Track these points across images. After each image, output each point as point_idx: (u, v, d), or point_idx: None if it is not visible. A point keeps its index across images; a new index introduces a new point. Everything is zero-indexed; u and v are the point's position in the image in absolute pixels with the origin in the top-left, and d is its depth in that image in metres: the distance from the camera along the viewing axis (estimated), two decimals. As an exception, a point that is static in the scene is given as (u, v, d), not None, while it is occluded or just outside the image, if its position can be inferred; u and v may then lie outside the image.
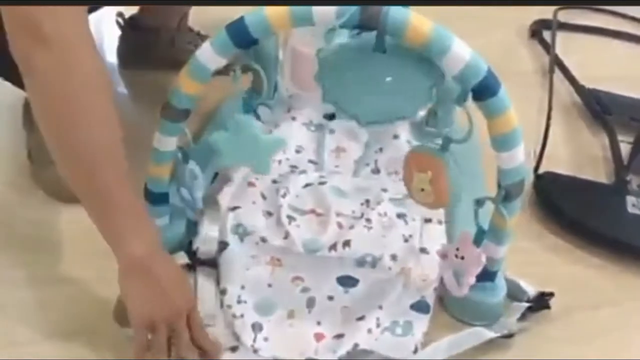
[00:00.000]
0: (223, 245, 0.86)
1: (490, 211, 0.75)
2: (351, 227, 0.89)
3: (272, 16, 0.65)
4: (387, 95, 0.68)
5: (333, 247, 0.86)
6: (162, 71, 1.13)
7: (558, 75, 1.33)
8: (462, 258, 0.76)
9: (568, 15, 1.54)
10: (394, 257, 0.86)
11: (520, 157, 0.70)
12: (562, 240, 0.97)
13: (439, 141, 0.72)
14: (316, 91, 0.75)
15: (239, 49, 0.68)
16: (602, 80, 1.32)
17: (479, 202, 0.75)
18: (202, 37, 1.19)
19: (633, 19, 1.56)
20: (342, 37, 0.71)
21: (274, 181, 0.96)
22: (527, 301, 0.84)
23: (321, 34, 0.69)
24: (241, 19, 0.66)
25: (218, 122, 1.03)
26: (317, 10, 0.64)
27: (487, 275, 0.79)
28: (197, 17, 1.20)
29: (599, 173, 1.11)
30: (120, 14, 1.18)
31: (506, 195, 0.72)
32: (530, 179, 1.02)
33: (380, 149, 1.03)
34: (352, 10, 0.63)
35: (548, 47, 1.40)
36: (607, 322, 0.87)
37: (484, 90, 0.65)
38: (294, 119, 1.07)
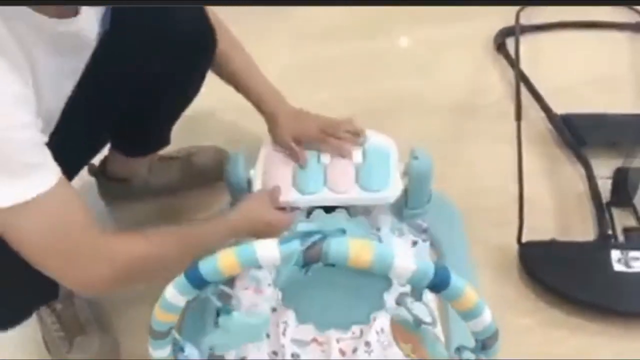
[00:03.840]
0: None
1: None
2: (354, 350, 0.93)
3: (222, 264, 0.68)
4: (342, 302, 0.70)
5: (338, 379, 0.90)
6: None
7: (530, 99, 1.31)
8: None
9: (532, 14, 1.50)
10: (397, 382, 0.90)
11: (488, 318, 0.72)
12: (557, 310, 0.99)
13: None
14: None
15: (197, 290, 0.71)
16: (573, 86, 1.29)
17: (459, 351, 0.78)
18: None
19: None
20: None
21: (274, 309, 1.00)
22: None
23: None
24: (196, 266, 0.69)
25: (186, 335, 0.98)
26: (262, 257, 0.66)
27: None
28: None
29: (583, 211, 1.11)
30: (90, 166, 1.14)
31: (483, 346, 0.75)
32: (515, 249, 1.04)
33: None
34: (295, 254, 0.65)
35: (512, 62, 1.37)
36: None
37: (437, 286, 0.67)
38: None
